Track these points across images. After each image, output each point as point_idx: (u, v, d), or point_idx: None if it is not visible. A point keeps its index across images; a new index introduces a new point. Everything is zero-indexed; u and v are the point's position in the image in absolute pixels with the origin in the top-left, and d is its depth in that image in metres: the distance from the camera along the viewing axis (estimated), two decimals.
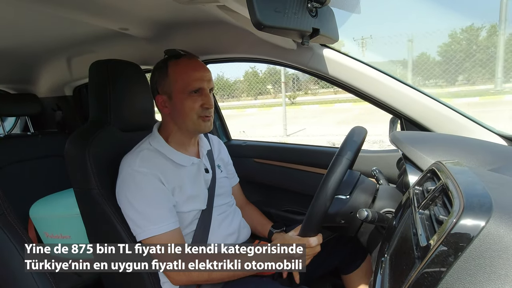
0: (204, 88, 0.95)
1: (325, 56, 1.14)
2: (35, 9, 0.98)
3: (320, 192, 0.76)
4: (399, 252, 0.56)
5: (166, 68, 0.96)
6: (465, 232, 0.39)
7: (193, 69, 0.95)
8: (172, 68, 0.95)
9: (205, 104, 0.95)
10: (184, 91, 0.94)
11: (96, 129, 1.02)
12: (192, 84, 0.94)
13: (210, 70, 0.99)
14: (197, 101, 0.94)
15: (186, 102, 0.94)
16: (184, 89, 0.94)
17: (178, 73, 0.95)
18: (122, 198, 0.90)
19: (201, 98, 0.95)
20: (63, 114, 1.89)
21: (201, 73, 0.95)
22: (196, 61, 0.98)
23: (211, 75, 0.98)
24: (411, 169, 0.77)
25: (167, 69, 0.95)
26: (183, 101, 0.94)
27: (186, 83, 0.94)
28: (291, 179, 1.52)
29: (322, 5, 0.71)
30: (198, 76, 0.94)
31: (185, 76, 0.94)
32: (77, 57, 1.60)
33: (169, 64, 0.96)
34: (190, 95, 0.94)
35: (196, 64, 0.97)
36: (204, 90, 0.95)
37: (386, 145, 5.19)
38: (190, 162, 0.99)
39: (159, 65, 0.98)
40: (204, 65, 0.99)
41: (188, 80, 0.94)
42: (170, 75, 0.95)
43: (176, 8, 1.09)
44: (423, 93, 1.09)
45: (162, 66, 0.97)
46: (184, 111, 0.95)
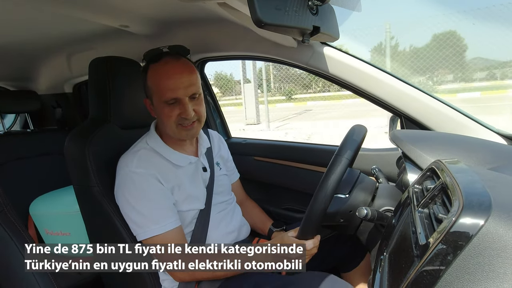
0: (179, 97, 0.89)
1: (325, 54, 1.14)
2: (35, 6, 0.98)
3: (319, 193, 0.76)
4: (398, 250, 0.56)
5: (145, 73, 0.93)
6: (464, 231, 0.39)
7: (167, 76, 0.89)
8: (150, 75, 0.92)
9: (182, 114, 0.90)
10: (160, 100, 0.90)
11: (96, 126, 1.01)
12: (166, 95, 0.89)
13: (193, 72, 0.92)
14: (174, 110, 0.90)
15: (164, 111, 0.91)
16: (160, 99, 0.90)
17: (153, 81, 0.91)
18: (121, 198, 0.90)
19: (178, 107, 0.90)
20: (63, 111, 1.89)
21: (175, 80, 0.88)
22: (172, 65, 0.90)
23: (193, 79, 0.91)
24: (411, 167, 0.77)
25: (146, 75, 0.92)
26: (161, 109, 0.91)
27: (161, 93, 0.89)
28: (291, 177, 1.52)
29: (322, 3, 0.71)
30: (172, 86, 0.88)
31: (159, 86, 0.89)
32: (77, 54, 1.59)
33: (149, 69, 0.92)
34: (166, 104, 0.90)
35: (171, 70, 0.89)
36: (181, 99, 0.89)
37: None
38: (188, 161, 0.98)
39: (143, 68, 0.95)
40: (184, 70, 0.90)
41: (162, 90, 0.89)
42: (148, 81, 0.92)
43: (176, 6, 1.08)
44: (423, 91, 1.09)
45: (144, 70, 0.94)
46: (162, 119, 0.93)
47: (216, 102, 1.73)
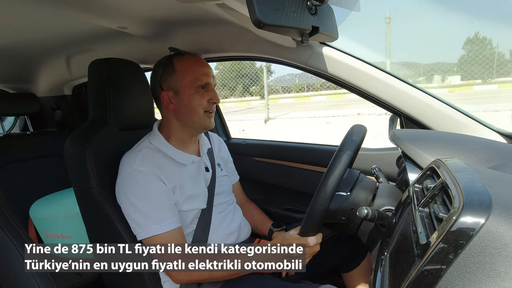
0: (211, 83, 0.97)
1: (324, 54, 1.14)
2: (34, 8, 0.98)
3: (320, 190, 0.76)
4: (399, 250, 0.56)
5: (172, 64, 0.96)
6: (464, 230, 0.39)
7: (200, 64, 0.98)
8: (179, 64, 0.96)
9: (213, 99, 0.96)
10: (192, 86, 0.95)
11: (96, 128, 1.01)
12: (200, 79, 0.95)
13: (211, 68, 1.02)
14: (204, 96, 0.96)
15: (194, 97, 0.95)
16: (192, 84, 0.95)
17: (186, 68, 0.96)
18: (123, 197, 0.90)
19: (208, 94, 0.96)
20: (63, 114, 1.88)
21: (207, 69, 0.98)
22: (200, 58, 1.00)
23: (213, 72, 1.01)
24: (411, 167, 0.77)
25: (173, 65, 0.96)
26: (190, 96, 0.95)
27: (194, 78, 0.95)
28: (290, 177, 1.52)
29: (321, 3, 0.71)
30: (205, 72, 0.97)
31: (193, 72, 0.96)
32: (76, 56, 1.59)
33: (175, 60, 0.97)
34: (197, 90, 0.95)
35: (201, 60, 1.00)
36: (211, 85, 0.97)
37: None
38: (191, 160, 0.99)
39: (163, 62, 0.98)
40: (206, 62, 1.01)
41: (196, 75, 0.95)
42: (178, 70, 0.96)
43: (175, 7, 1.08)
44: (423, 91, 1.09)
45: (167, 63, 0.97)
46: (192, 106, 0.95)
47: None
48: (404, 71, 8.26)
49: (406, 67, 8.58)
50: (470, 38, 9.40)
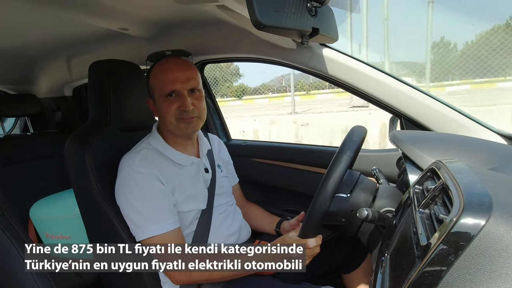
0: (178, 89, 0.92)
1: (324, 56, 1.14)
2: (34, 10, 0.98)
3: (320, 191, 0.76)
4: (399, 251, 0.56)
5: (149, 73, 0.97)
6: (465, 231, 0.39)
7: (168, 71, 0.93)
8: (152, 73, 0.96)
9: (181, 107, 0.92)
10: (160, 95, 0.94)
11: (96, 129, 1.01)
12: (165, 87, 0.92)
13: (192, 67, 0.96)
14: (173, 103, 0.92)
15: (163, 105, 0.93)
16: (160, 93, 0.93)
17: (154, 77, 0.95)
18: (122, 198, 0.90)
19: (178, 101, 0.93)
20: (63, 115, 1.89)
21: (175, 74, 0.92)
22: (173, 62, 0.95)
23: (192, 73, 0.95)
24: (411, 168, 0.77)
25: (149, 74, 0.97)
26: (161, 104, 0.94)
27: (161, 87, 0.93)
28: (291, 178, 1.51)
29: (321, 4, 0.71)
30: (171, 78, 0.92)
31: (159, 80, 0.94)
32: (76, 57, 1.60)
33: (152, 69, 0.97)
34: (166, 98, 0.93)
35: (172, 65, 0.94)
36: (180, 92, 0.93)
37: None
38: (190, 161, 0.99)
39: (148, 70, 0.99)
40: (183, 65, 0.95)
41: (162, 83, 0.93)
42: (150, 79, 0.96)
43: (175, 8, 1.09)
44: (423, 92, 1.09)
45: (148, 71, 0.98)
46: (163, 114, 0.95)
47: (215, 103, 1.73)
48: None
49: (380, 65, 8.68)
50: (436, 42, 9.57)
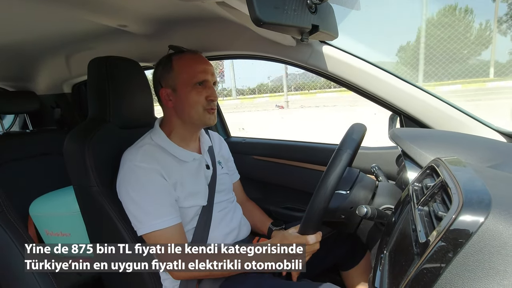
0: (208, 80, 0.97)
1: (324, 53, 1.14)
2: (33, 6, 0.98)
3: (320, 187, 0.76)
4: (399, 248, 0.56)
5: (170, 62, 0.97)
6: (464, 228, 0.39)
7: (197, 62, 0.98)
8: (177, 62, 0.97)
9: (210, 97, 0.96)
10: (188, 83, 0.95)
11: (95, 126, 1.01)
12: (196, 76, 0.95)
13: (212, 65, 1.02)
14: (201, 93, 0.96)
15: (191, 94, 0.95)
16: (189, 82, 0.95)
17: (183, 66, 0.97)
18: (123, 193, 0.90)
19: (205, 91, 0.96)
20: (62, 112, 1.89)
21: (204, 66, 0.98)
22: (199, 55, 1.01)
23: (214, 70, 1.01)
24: (410, 165, 0.77)
25: (171, 63, 0.97)
26: (187, 93, 0.95)
27: (191, 76, 0.96)
28: (290, 176, 1.52)
29: (321, 1, 0.71)
30: (202, 69, 0.97)
31: (190, 69, 0.96)
32: (76, 54, 1.59)
33: (174, 58, 0.98)
34: (194, 87, 0.95)
35: (199, 58, 1.00)
36: (208, 83, 0.97)
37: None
38: (192, 157, 0.99)
39: (163, 60, 1.00)
40: (207, 60, 1.01)
41: (193, 73, 0.96)
42: (175, 68, 0.97)
43: (175, 5, 1.08)
44: (423, 90, 1.09)
45: (166, 61, 0.98)
46: (189, 103, 0.96)
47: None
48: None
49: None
50: (403, 45, 9.63)
